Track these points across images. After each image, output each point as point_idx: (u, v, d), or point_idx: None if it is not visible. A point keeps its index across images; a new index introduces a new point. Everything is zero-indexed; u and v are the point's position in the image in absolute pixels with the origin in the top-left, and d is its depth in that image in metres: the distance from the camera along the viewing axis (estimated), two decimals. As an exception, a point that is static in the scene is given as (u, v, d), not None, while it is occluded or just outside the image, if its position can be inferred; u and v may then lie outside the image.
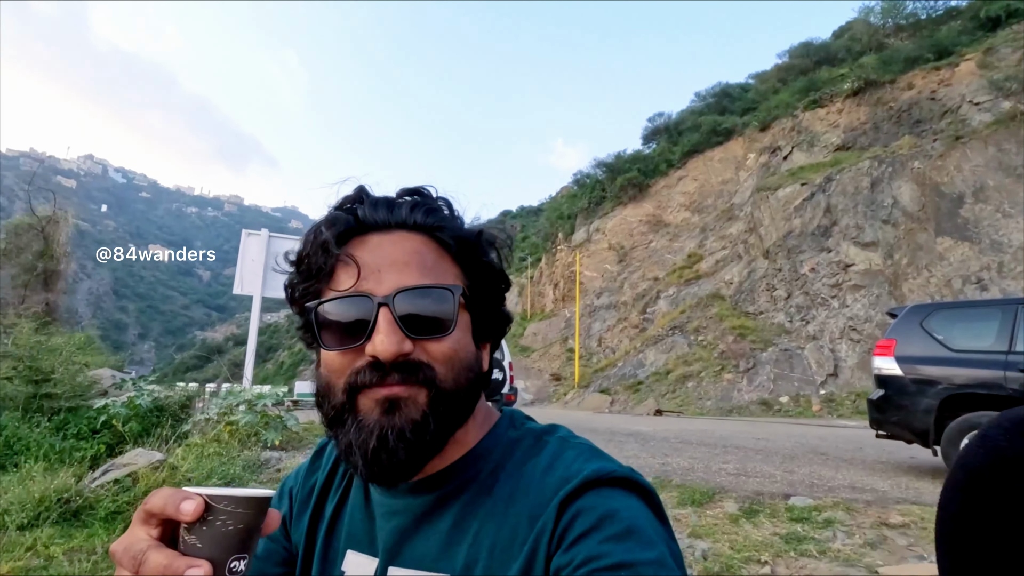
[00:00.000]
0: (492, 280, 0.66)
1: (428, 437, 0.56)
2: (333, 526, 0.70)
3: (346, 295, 0.57)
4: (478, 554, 0.56)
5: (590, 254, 36.10)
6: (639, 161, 38.32)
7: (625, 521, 0.50)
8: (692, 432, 9.75)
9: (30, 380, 6.23)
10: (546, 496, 0.55)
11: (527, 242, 66.82)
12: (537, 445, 0.63)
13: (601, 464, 0.56)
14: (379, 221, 0.61)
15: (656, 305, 27.90)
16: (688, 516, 4.12)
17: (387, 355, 0.54)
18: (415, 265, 0.58)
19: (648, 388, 20.37)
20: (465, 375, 0.59)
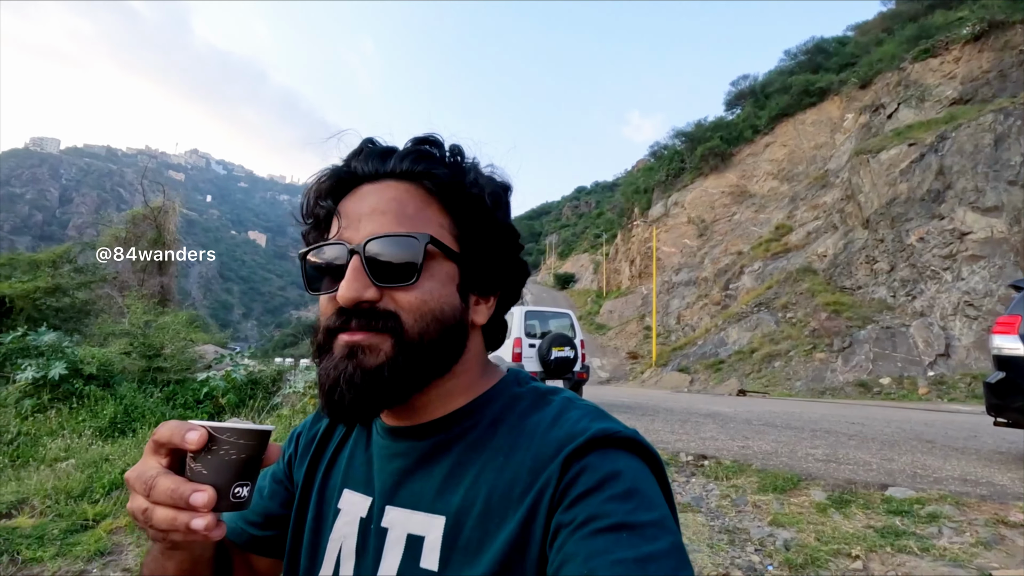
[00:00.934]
0: (488, 228, 0.64)
1: (382, 385, 0.56)
2: (332, 466, 0.72)
3: (326, 243, 0.60)
4: (475, 499, 0.56)
5: (668, 229, 34.85)
6: (721, 128, 36.23)
7: (628, 482, 0.50)
8: (777, 414, 9.21)
9: (144, 355, 6.92)
10: (550, 451, 0.55)
11: (602, 218, 65.84)
12: (541, 401, 0.64)
13: (607, 424, 0.56)
14: (368, 171, 0.62)
15: (740, 281, 26.56)
16: (769, 503, 3.88)
17: (344, 300, 0.56)
18: (393, 213, 0.59)
19: (730, 367, 19.54)
20: (435, 326, 0.58)
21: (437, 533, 0.57)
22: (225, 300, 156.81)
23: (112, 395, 6.01)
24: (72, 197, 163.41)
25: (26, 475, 4.33)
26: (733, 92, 40.13)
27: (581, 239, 69.06)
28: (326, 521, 0.68)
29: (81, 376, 6.04)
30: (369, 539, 0.62)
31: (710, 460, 4.99)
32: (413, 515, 0.59)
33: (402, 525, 0.60)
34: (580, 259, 60.58)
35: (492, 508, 0.55)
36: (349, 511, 0.66)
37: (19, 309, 8.51)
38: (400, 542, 0.59)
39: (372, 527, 0.62)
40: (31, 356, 6.10)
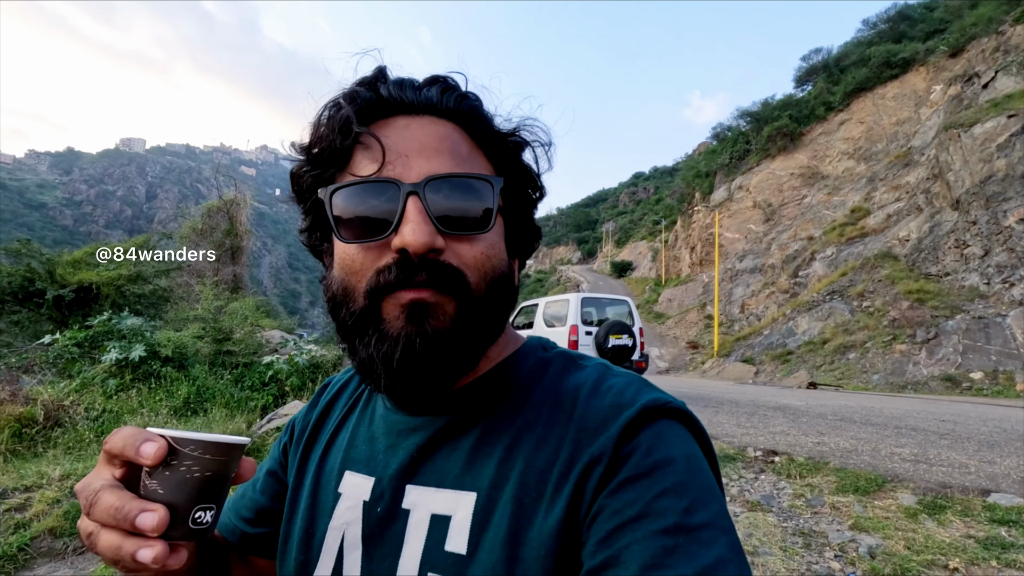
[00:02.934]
0: (527, 185, 0.59)
1: (458, 350, 0.50)
2: (330, 448, 0.65)
3: (369, 180, 0.50)
4: (509, 472, 0.50)
5: (731, 214, 33.44)
6: (791, 107, 34.24)
7: (681, 472, 0.45)
8: (854, 409, 8.59)
9: (215, 339, 7.26)
10: (595, 422, 0.49)
11: (661, 204, 64.12)
12: (573, 366, 0.58)
13: (657, 394, 0.51)
14: (406, 100, 0.53)
15: (810, 267, 25.16)
16: (850, 505, 3.56)
17: (418, 246, 0.47)
18: (448, 152, 0.52)
19: (799, 359, 18.59)
20: (499, 284, 0.53)
21: (466, 512, 0.50)
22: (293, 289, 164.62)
23: (186, 376, 6.34)
24: (157, 193, 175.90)
25: (109, 450, 4.60)
26: (804, 67, 37.82)
27: (639, 226, 67.59)
28: (323, 508, 0.60)
29: (159, 358, 6.40)
30: (384, 524, 0.54)
31: (781, 456, 4.67)
32: (438, 493, 0.52)
33: (426, 505, 0.52)
34: (638, 246, 59.30)
35: (530, 484, 0.49)
36: (352, 495, 0.58)
37: (105, 295, 9.17)
38: (423, 524, 0.52)
39: (380, 510, 0.55)
40: (115, 339, 6.53)
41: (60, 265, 9.41)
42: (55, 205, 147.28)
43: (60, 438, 4.87)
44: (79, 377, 6.06)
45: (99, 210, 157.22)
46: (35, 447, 4.73)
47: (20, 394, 5.02)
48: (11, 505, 3.61)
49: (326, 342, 11.06)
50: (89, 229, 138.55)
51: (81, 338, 6.62)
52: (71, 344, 6.53)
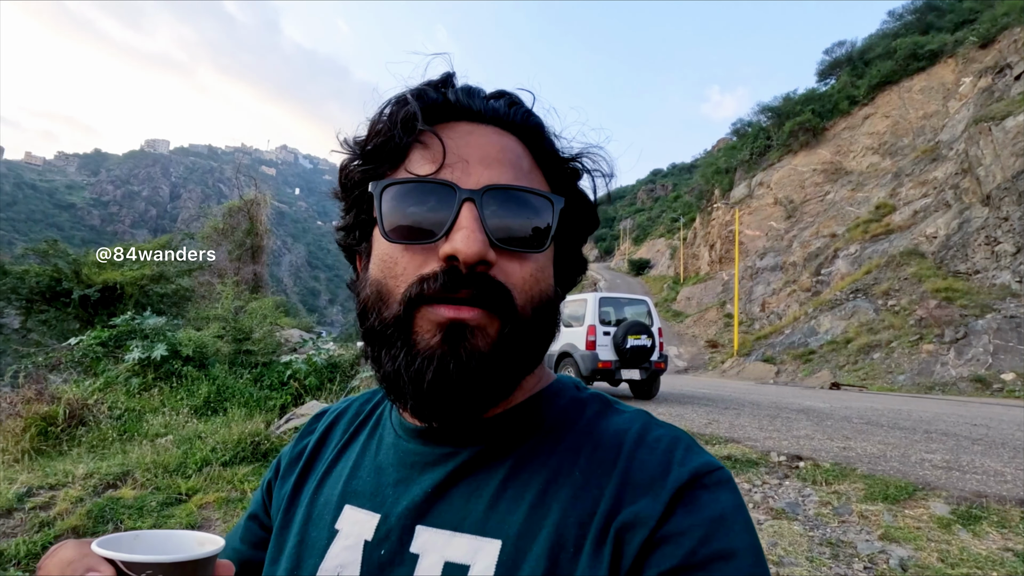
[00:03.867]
0: (583, 213, 0.56)
1: (496, 376, 0.46)
2: (326, 478, 0.58)
3: (425, 179, 0.47)
4: (542, 520, 0.45)
5: (752, 211, 32.94)
6: (813, 101, 33.59)
7: (743, 570, 0.40)
8: (881, 411, 8.37)
9: (235, 338, 7.34)
10: (643, 477, 0.45)
11: (679, 202, 63.47)
12: (611, 410, 0.53)
13: (707, 458, 0.47)
14: (473, 108, 0.51)
15: (833, 265, 24.69)
16: (879, 514, 3.45)
17: (469, 255, 0.43)
18: (509, 164, 0.49)
19: (822, 358, 18.24)
20: (545, 310, 0.49)
21: (488, 562, 0.44)
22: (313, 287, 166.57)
23: (206, 376, 6.42)
24: (180, 193, 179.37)
25: (131, 448, 4.67)
26: (827, 61, 37.15)
27: (657, 223, 67.04)
28: (313, 546, 0.53)
29: (180, 357, 6.48)
30: (386, 569, 0.48)
31: (806, 462, 4.55)
32: (454, 538, 0.46)
33: (439, 550, 0.46)
34: (656, 244, 58.80)
35: (567, 537, 0.43)
36: (351, 532, 0.51)
37: (129, 295, 9.34)
38: (434, 572, 0.45)
39: (384, 552, 0.48)
40: (138, 338, 6.63)
41: (86, 265, 9.61)
42: (83, 205, 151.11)
43: (84, 436, 4.95)
44: (103, 376, 6.17)
45: (125, 210, 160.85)
46: (60, 445, 4.81)
47: (46, 393, 5.12)
48: (36, 503, 3.67)
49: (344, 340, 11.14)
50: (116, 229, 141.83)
51: (105, 337, 6.74)
52: (95, 343, 6.65)
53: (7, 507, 3.58)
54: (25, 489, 3.78)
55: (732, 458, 4.60)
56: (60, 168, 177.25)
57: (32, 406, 4.86)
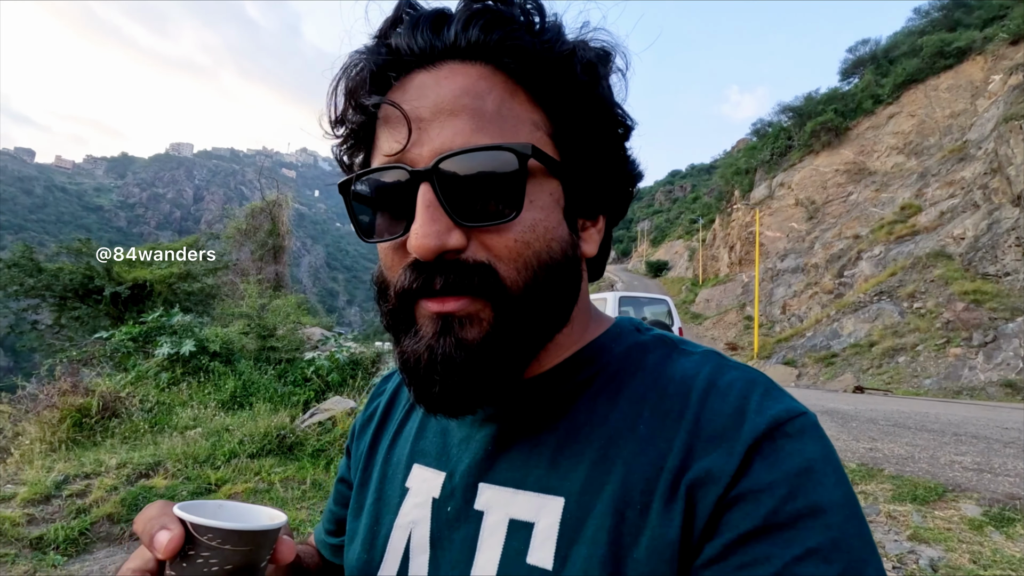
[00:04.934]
0: (596, 121, 0.46)
1: (494, 362, 0.42)
2: (396, 439, 0.59)
3: (377, 168, 0.43)
4: (605, 477, 0.42)
5: (772, 212, 32.49)
6: (836, 100, 33.04)
7: (834, 527, 0.36)
8: (907, 414, 8.21)
9: (259, 335, 7.47)
10: (714, 428, 0.40)
11: (698, 203, 62.85)
12: (677, 352, 0.48)
13: (788, 403, 0.41)
14: (417, 50, 0.43)
15: (856, 267, 24.22)
16: (908, 515, 3.39)
17: (423, 252, 0.40)
18: (467, 114, 0.41)
19: (845, 361, 17.91)
20: (544, 273, 0.43)
21: (552, 519, 0.42)
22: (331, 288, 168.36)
23: (232, 371, 6.55)
24: (203, 195, 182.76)
25: (161, 440, 4.79)
26: (850, 60, 36.49)
27: (675, 225, 66.49)
28: (389, 503, 0.54)
29: (207, 353, 6.63)
30: (454, 526, 0.47)
31: (831, 462, 4.50)
32: (517, 495, 0.45)
33: (503, 508, 0.45)
34: (674, 246, 58.31)
35: (633, 494, 0.40)
36: (420, 490, 0.52)
37: (158, 292, 9.58)
38: (500, 529, 0.44)
39: (451, 509, 0.48)
40: (167, 334, 6.79)
41: (117, 264, 9.87)
42: (110, 208, 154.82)
43: (117, 428, 5.09)
44: (134, 370, 6.33)
45: (150, 212, 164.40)
46: (94, 436, 4.95)
47: (80, 386, 5.27)
48: (72, 491, 3.79)
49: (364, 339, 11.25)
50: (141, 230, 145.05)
51: (136, 333, 6.92)
52: (126, 339, 6.82)
53: (46, 494, 3.70)
54: (62, 477, 3.90)
55: (755, 457, 4.56)
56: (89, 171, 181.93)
57: (67, 398, 5.01)
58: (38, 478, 3.83)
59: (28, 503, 3.58)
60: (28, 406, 5.14)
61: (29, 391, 5.46)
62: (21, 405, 5.21)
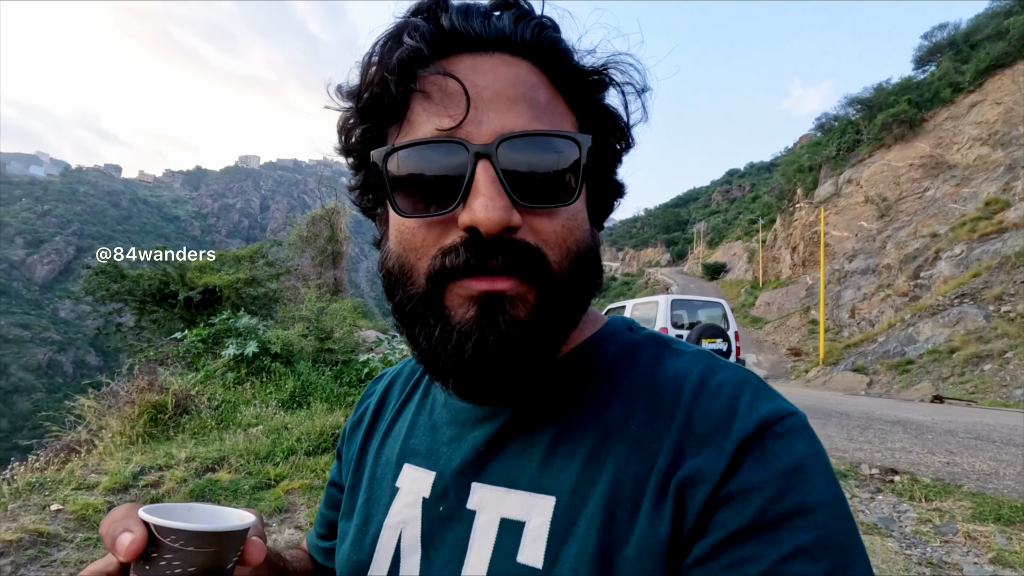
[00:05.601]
0: (614, 136, 0.49)
1: (539, 343, 0.42)
2: (386, 438, 0.59)
3: (430, 140, 0.41)
4: (596, 476, 0.43)
5: (839, 210, 30.86)
6: (909, 90, 31.05)
7: (821, 526, 0.36)
8: (992, 427, 7.56)
9: (318, 337, 7.78)
10: (705, 427, 0.41)
11: (758, 202, 60.51)
12: (669, 352, 0.49)
13: (778, 403, 0.42)
14: (472, 34, 0.43)
15: (934, 268, 22.63)
16: (990, 535, 3.12)
17: (491, 226, 0.39)
18: (525, 102, 0.42)
19: (922, 369, 16.73)
20: (583, 262, 0.45)
21: (543, 518, 0.43)
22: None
23: (292, 372, 6.85)
24: (269, 205, 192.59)
25: (226, 436, 5.06)
26: (925, 46, 34.19)
27: (733, 226, 64.26)
28: (378, 503, 0.54)
29: (269, 354, 6.96)
30: (446, 525, 0.48)
31: (902, 476, 4.21)
32: (509, 494, 0.45)
33: (495, 507, 0.46)
34: (732, 247, 56.35)
35: (624, 493, 0.41)
36: (410, 490, 0.52)
37: (225, 297, 10.16)
38: (491, 528, 0.45)
39: (443, 509, 0.48)
40: (233, 336, 7.18)
41: (190, 270, 10.56)
42: (186, 218, 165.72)
43: (187, 424, 5.42)
44: (203, 370, 6.73)
45: (221, 221, 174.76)
46: (167, 431, 5.30)
47: (156, 384, 5.65)
48: (147, 481, 4.06)
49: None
50: (213, 238, 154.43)
51: (205, 335, 7.36)
52: (197, 340, 7.27)
53: (124, 483, 3.99)
54: (139, 468, 4.20)
55: (817, 469, 4.32)
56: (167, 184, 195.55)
57: (144, 395, 5.39)
58: (118, 469, 4.14)
59: (109, 491, 3.87)
60: (110, 402, 5.56)
61: (112, 388, 5.90)
62: (105, 401, 5.65)
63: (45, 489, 3.86)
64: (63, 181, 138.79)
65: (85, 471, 4.21)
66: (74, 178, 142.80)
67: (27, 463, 4.64)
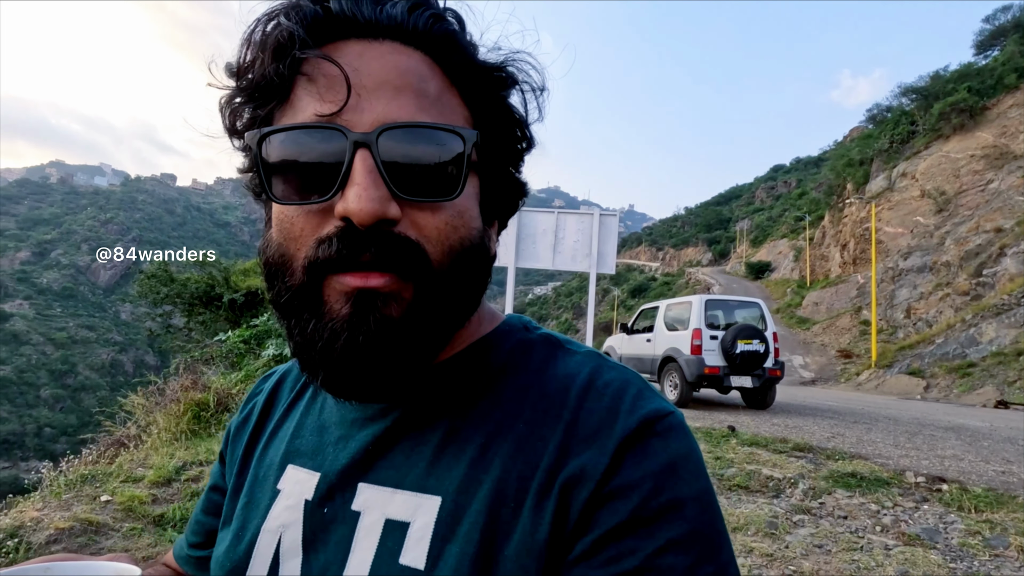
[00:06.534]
0: (512, 135, 0.49)
1: (412, 344, 0.42)
2: (272, 439, 0.57)
3: (307, 125, 0.40)
4: (482, 476, 0.42)
5: (892, 205, 29.44)
6: (970, 78, 29.39)
7: (691, 520, 0.39)
8: (1059, 435, 7.05)
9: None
10: (588, 427, 0.42)
11: (804, 199, 58.50)
12: (561, 351, 0.50)
13: (659, 404, 0.43)
14: (361, 19, 0.41)
15: (998, 265, 21.33)
16: (1048, 552, 2.91)
17: (364, 216, 0.38)
18: (411, 92, 0.41)
19: (985, 372, 15.79)
20: (468, 260, 0.44)
21: (428, 519, 0.42)
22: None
23: (327, 372, 7.05)
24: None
25: (264, 434, 5.26)
26: (987, 31, 32.43)
27: (778, 223, 62.26)
28: (257, 506, 0.52)
29: (306, 355, 7.19)
30: (328, 527, 0.46)
31: (950, 484, 3.97)
32: (396, 495, 0.44)
33: (380, 508, 0.44)
34: (777, 245, 54.58)
35: (508, 492, 0.41)
36: (292, 492, 0.49)
37: (267, 299, 10.55)
38: (375, 530, 0.44)
39: (327, 511, 0.47)
40: (273, 337, 7.44)
41: (234, 273, 11.02)
42: (236, 223, 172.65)
43: (227, 421, 5.65)
44: (244, 369, 7.00)
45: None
46: (208, 428, 5.53)
47: (199, 383, 5.91)
48: (189, 476, 4.25)
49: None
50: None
51: (247, 336, 7.65)
52: (239, 341, 7.57)
53: (168, 477, 4.19)
54: (181, 463, 4.40)
55: (857, 475, 4.13)
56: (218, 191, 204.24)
57: (189, 393, 5.65)
58: (162, 463, 4.35)
59: (153, 484, 4.07)
60: (158, 400, 5.85)
61: (159, 386, 6.21)
62: (153, 398, 5.95)
63: (96, 481, 4.09)
64: (123, 190, 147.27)
65: (132, 465, 4.45)
66: (133, 187, 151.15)
67: (81, 457, 4.95)
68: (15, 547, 3.13)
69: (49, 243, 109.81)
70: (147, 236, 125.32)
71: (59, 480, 4.14)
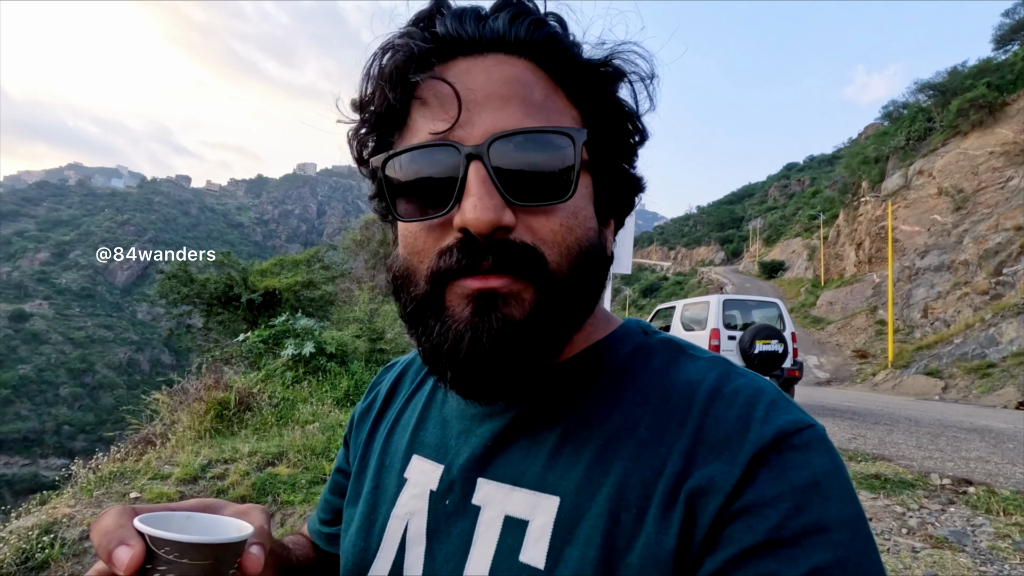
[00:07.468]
0: (623, 130, 0.48)
1: (534, 345, 0.42)
2: (395, 427, 0.59)
3: (423, 144, 0.43)
4: (602, 479, 0.42)
5: (908, 203, 29.04)
6: (989, 73, 28.87)
7: (840, 545, 0.35)
8: (1086, 437, 6.93)
9: (370, 338, 8.02)
10: (718, 436, 0.40)
11: (818, 197, 57.84)
12: (684, 357, 0.48)
13: (795, 414, 0.41)
14: (466, 37, 0.44)
15: (1019, 264, 20.97)
16: (1078, 555, 2.87)
17: (480, 226, 0.39)
18: (517, 100, 0.43)
19: (1005, 373, 15.51)
20: (586, 261, 0.44)
21: (547, 518, 0.42)
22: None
23: (346, 371, 7.10)
24: (325, 210, 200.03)
25: (285, 432, 5.31)
26: (1007, 24, 31.73)
27: (792, 222, 61.61)
28: (386, 492, 0.54)
29: (325, 354, 7.24)
30: (451, 519, 0.48)
31: (978, 487, 3.93)
32: (514, 492, 0.45)
33: (499, 504, 0.45)
34: (791, 244, 54.02)
35: (630, 497, 0.40)
36: (418, 481, 0.52)
37: (285, 299, 10.64)
38: (495, 526, 0.45)
39: (449, 503, 0.48)
40: (291, 337, 7.51)
41: (252, 273, 11.13)
42: (249, 224, 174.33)
43: (249, 420, 5.72)
44: (264, 369, 7.08)
45: (281, 227, 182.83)
46: (231, 427, 5.61)
47: (221, 382, 5.99)
48: (214, 474, 4.32)
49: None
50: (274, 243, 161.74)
51: (266, 336, 7.73)
52: (258, 341, 7.65)
53: (193, 475, 4.25)
54: (206, 461, 4.46)
55: (881, 477, 4.10)
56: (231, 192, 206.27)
57: (211, 392, 5.72)
58: (188, 461, 4.42)
59: (180, 482, 4.14)
60: (181, 398, 5.94)
61: (182, 385, 6.30)
62: (176, 397, 6.04)
63: (125, 478, 4.17)
64: (140, 192, 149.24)
65: (160, 462, 4.52)
66: (149, 189, 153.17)
67: (109, 454, 5.04)
68: (50, 543, 3.20)
69: (68, 244, 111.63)
70: (162, 237, 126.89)
71: (89, 477, 4.22)
